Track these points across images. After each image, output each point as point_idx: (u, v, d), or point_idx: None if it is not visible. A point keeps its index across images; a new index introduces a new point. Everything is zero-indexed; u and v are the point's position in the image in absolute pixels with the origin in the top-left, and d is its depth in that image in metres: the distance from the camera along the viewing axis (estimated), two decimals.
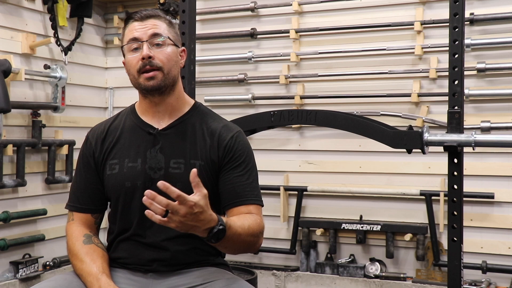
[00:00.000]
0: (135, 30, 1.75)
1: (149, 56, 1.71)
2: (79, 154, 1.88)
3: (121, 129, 1.83)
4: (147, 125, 1.80)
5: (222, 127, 1.82)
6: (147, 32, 1.74)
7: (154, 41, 1.74)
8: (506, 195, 3.49)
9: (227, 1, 4.15)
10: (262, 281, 3.85)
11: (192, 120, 1.82)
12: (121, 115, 1.89)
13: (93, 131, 1.88)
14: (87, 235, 1.77)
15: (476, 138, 2.26)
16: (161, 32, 1.75)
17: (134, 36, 1.75)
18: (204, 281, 1.70)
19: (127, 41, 1.76)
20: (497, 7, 3.51)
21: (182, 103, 1.84)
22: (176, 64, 1.78)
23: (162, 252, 1.73)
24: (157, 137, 1.78)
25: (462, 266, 2.26)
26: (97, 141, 1.83)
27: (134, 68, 1.74)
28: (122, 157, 1.78)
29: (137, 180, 1.74)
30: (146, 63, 1.72)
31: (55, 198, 3.96)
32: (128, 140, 1.80)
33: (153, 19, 1.77)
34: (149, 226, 1.74)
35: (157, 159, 1.75)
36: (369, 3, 3.82)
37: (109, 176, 1.78)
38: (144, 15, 1.77)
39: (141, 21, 1.76)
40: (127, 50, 1.77)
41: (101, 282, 1.64)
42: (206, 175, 1.76)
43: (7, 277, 3.58)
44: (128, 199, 1.75)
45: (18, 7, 3.71)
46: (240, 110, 4.00)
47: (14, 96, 3.60)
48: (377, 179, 3.79)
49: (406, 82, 3.72)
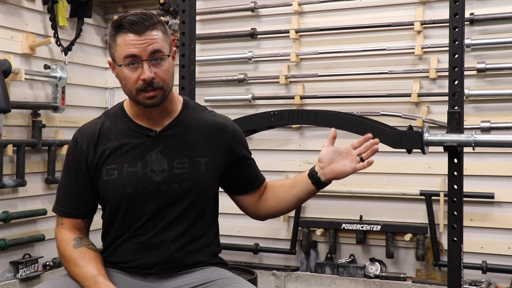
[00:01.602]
0: (133, 46, 1.64)
1: (152, 78, 1.65)
2: (67, 156, 1.81)
3: (114, 132, 1.78)
4: (144, 128, 1.77)
5: (218, 119, 1.86)
6: (146, 50, 1.64)
7: (154, 57, 1.66)
8: (506, 195, 3.49)
9: (227, 1, 4.15)
10: (262, 281, 3.85)
11: (188, 118, 1.81)
12: (110, 116, 1.83)
13: (81, 133, 1.81)
14: (77, 238, 1.75)
15: (476, 138, 2.26)
16: (160, 48, 1.67)
17: (132, 53, 1.65)
18: (204, 281, 1.70)
19: (124, 56, 1.66)
20: (497, 7, 3.51)
21: (174, 104, 1.82)
22: (173, 75, 1.74)
23: (163, 255, 1.72)
24: (157, 139, 1.75)
25: (462, 266, 2.27)
26: (88, 145, 1.76)
27: (132, 86, 1.68)
28: (120, 162, 1.73)
29: (139, 185, 1.71)
30: (147, 85, 1.66)
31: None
32: (125, 144, 1.75)
33: (150, 30, 1.65)
34: (150, 230, 1.72)
35: (159, 161, 1.73)
36: (369, 3, 3.82)
37: (106, 182, 1.74)
38: (142, 28, 1.64)
39: (138, 35, 1.64)
40: (123, 65, 1.67)
41: (99, 285, 1.64)
42: (213, 171, 1.77)
43: (7, 277, 3.58)
44: (131, 205, 1.72)
45: (18, 7, 3.71)
46: (240, 110, 4.00)
47: (14, 96, 3.60)
48: (377, 179, 3.79)
49: (406, 82, 3.72)
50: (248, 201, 1.89)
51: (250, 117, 2.73)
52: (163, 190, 1.71)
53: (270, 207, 1.88)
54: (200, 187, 1.73)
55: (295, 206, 1.90)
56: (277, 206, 1.88)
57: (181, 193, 1.72)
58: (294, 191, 1.84)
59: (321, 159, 1.82)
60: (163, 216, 1.72)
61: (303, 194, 1.84)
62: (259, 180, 1.90)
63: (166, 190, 1.71)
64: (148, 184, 1.71)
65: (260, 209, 1.90)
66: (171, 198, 1.72)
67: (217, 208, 1.87)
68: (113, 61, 1.73)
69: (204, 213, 1.77)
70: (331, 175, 1.81)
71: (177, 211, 1.72)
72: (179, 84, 2.70)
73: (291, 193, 1.85)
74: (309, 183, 1.82)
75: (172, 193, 1.72)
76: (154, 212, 1.72)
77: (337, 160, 1.82)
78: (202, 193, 1.75)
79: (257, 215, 1.92)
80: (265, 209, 1.89)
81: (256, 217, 1.93)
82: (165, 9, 4.08)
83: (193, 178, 1.73)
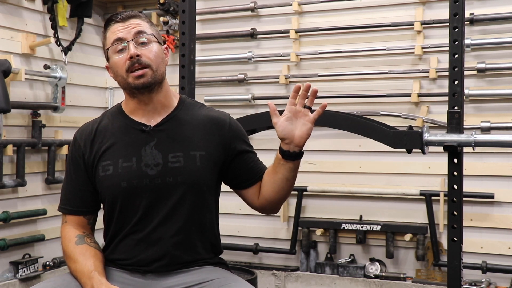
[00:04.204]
0: (118, 31, 1.74)
1: (137, 55, 1.71)
2: (67, 155, 1.87)
3: (111, 130, 1.81)
4: (138, 123, 1.79)
5: (214, 113, 1.87)
6: (130, 32, 1.74)
7: (139, 39, 1.74)
8: (506, 195, 3.49)
9: (227, 1, 4.15)
10: (262, 281, 3.85)
11: (183, 113, 1.82)
12: (107, 116, 1.87)
13: (80, 132, 1.86)
14: (80, 236, 1.77)
15: (476, 138, 2.26)
16: (144, 30, 1.75)
17: (118, 37, 1.74)
18: (203, 280, 1.70)
19: (111, 42, 1.75)
20: (497, 7, 3.51)
21: (170, 99, 1.84)
22: (162, 61, 1.79)
23: (161, 251, 1.73)
24: (151, 134, 1.77)
25: (462, 266, 2.27)
26: (86, 143, 1.81)
27: (122, 69, 1.73)
28: (115, 158, 1.76)
29: (133, 179, 1.73)
30: (135, 62, 1.71)
31: (55, 198, 3.96)
32: (120, 140, 1.78)
33: (134, 19, 1.77)
34: (147, 225, 1.73)
35: (153, 155, 1.74)
36: (369, 3, 3.82)
37: (102, 178, 1.76)
38: (126, 16, 1.77)
39: (122, 22, 1.75)
40: (112, 52, 1.75)
41: (93, 281, 1.65)
42: (209, 164, 1.77)
43: (7, 277, 3.58)
44: (126, 200, 1.74)
45: (18, 7, 3.71)
46: (240, 110, 4.00)
47: (14, 96, 3.60)
48: (377, 179, 3.79)
49: (406, 82, 3.72)
50: (252, 194, 1.87)
51: (250, 117, 2.73)
52: (157, 184, 1.72)
53: (266, 196, 1.83)
54: (195, 180, 1.72)
55: (288, 187, 1.82)
56: (271, 192, 1.82)
57: (176, 186, 1.72)
58: (279, 174, 1.79)
59: (283, 136, 1.74)
60: (159, 211, 1.73)
61: (288, 173, 1.78)
62: (261, 173, 1.86)
63: (160, 184, 1.72)
64: (143, 178, 1.73)
65: (261, 200, 1.86)
66: (165, 191, 1.73)
67: (217, 206, 1.87)
68: (106, 59, 1.80)
69: (201, 208, 1.77)
70: (300, 141, 1.76)
71: (172, 205, 1.72)
72: (179, 84, 2.70)
73: (277, 177, 1.80)
74: (287, 163, 1.77)
75: (167, 187, 1.72)
76: (150, 206, 1.73)
77: (295, 125, 1.75)
78: (197, 187, 1.75)
79: (261, 207, 1.88)
80: (263, 200, 1.85)
81: (261, 209, 1.89)
82: (165, 9, 4.08)
83: (188, 171, 1.73)
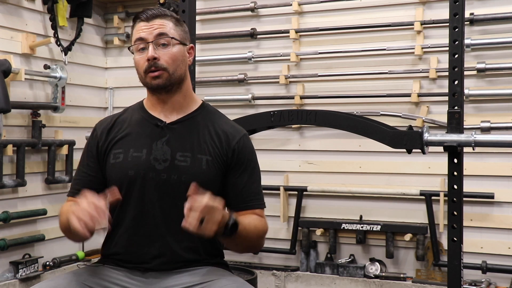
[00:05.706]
0: (141, 31, 1.78)
1: (154, 58, 1.75)
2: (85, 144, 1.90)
3: (128, 121, 1.86)
4: (155, 118, 1.83)
5: (230, 128, 1.86)
6: (152, 33, 1.77)
7: (160, 41, 1.77)
8: (506, 195, 3.49)
9: (227, 1, 4.15)
10: (262, 281, 3.85)
11: (199, 118, 1.85)
12: (130, 110, 1.92)
13: (100, 122, 1.92)
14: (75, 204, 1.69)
15: (476, 138, 2.26)
16: (166, 32, 1.78)
17: (140, 36, 1.78)
18: (203, 280, 1.70)
19: (134, 41, 1.80)
20: (497, 7, 3.51)
21: (189, 101, 1.87)
22: (182, 62, 1.81)
23: (162, 248, 1.73)
24: (165, 130, 1.81)
25: (462, 266, 2.26)
26: (103, 131, 1.86)
27: (141, 68, 1.78)
28: (127, 147, 1.80)
29: (141, 169, 1.76)
30: (152, 64, 1.76)
31: (55, 198, 3.96)
32: (135, 132, 1.83)
33: (159, 18, 1.80)
34: (149, 220, 1.74)
35: (163, 150, 1.77)
36: (369, 3, 3.82)
37: (112, 165, 1.80)
38: (150, 15, 1.79)
39: (147, 21, 1.79)
40: (135, 50, 1.81)
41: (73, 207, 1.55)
42: (214, 171, 1.78)
43: (7, 277, 3.58)
44: (131, 188, 1.76)
45: (18, 7, 3.71)
46: (240, 110, 4.00)
47: (14, 96, 3.60)
48: (377, 179, 3.79)
49: (406, 82, 3.72)
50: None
51: (250, 117, 2.73)
52: (163, 179, 1.75)
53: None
54: (198, 182, 1.72)
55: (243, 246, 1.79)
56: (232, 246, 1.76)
57: (179, 184, 1.73)
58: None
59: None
60: (162, 207, 1.74)
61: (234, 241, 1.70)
62: (252, 202, 1.81)
63: (165, 179, 1.75)
64: (150, 170, 1.75)
65: None
66: (169, 188, 1.74)
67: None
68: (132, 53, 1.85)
69: None
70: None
71: (174, 202, 1.72)
72: None
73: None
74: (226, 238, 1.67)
75: (171, 184, 1.74)
76: (153, 201, 1.74)
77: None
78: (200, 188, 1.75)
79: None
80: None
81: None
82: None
83: (193, 172, 1.75)
